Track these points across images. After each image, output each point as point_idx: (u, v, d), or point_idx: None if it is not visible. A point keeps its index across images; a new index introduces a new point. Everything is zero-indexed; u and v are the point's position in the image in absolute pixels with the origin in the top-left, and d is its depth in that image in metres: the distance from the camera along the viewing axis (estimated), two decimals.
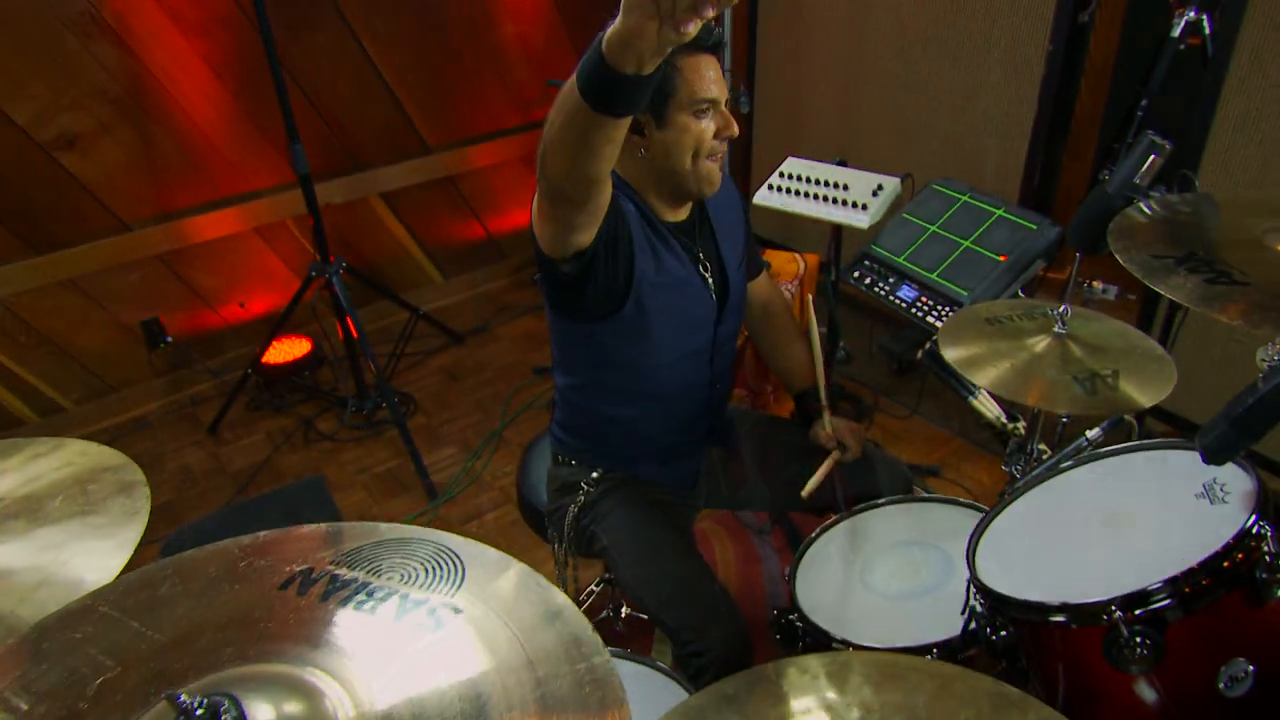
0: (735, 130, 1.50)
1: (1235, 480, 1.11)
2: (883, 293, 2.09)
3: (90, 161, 2.92)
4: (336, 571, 0.82)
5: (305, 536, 0.87)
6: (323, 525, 0.88)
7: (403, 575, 0.81)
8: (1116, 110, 2.96)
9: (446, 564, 0.82)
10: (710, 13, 0.88)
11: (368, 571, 0.82)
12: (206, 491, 2.95)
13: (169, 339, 3.29)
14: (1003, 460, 1.81)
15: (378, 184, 3.58)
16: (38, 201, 2.88)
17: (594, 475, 1.74)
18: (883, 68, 3.03)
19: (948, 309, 1.95)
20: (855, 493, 1.76)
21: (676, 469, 1.77)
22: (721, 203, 1.71)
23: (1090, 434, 1.45)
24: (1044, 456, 1.71)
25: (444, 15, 3.40)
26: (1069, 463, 1.25)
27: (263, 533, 0.89)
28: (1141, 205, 1.55)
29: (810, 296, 1.90)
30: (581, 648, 0.72)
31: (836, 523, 1.65)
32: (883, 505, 1.66)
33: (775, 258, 2.63)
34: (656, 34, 0.91)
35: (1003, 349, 1.58)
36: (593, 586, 2.23)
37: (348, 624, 0.75)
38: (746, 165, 3.81)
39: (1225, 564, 1.03)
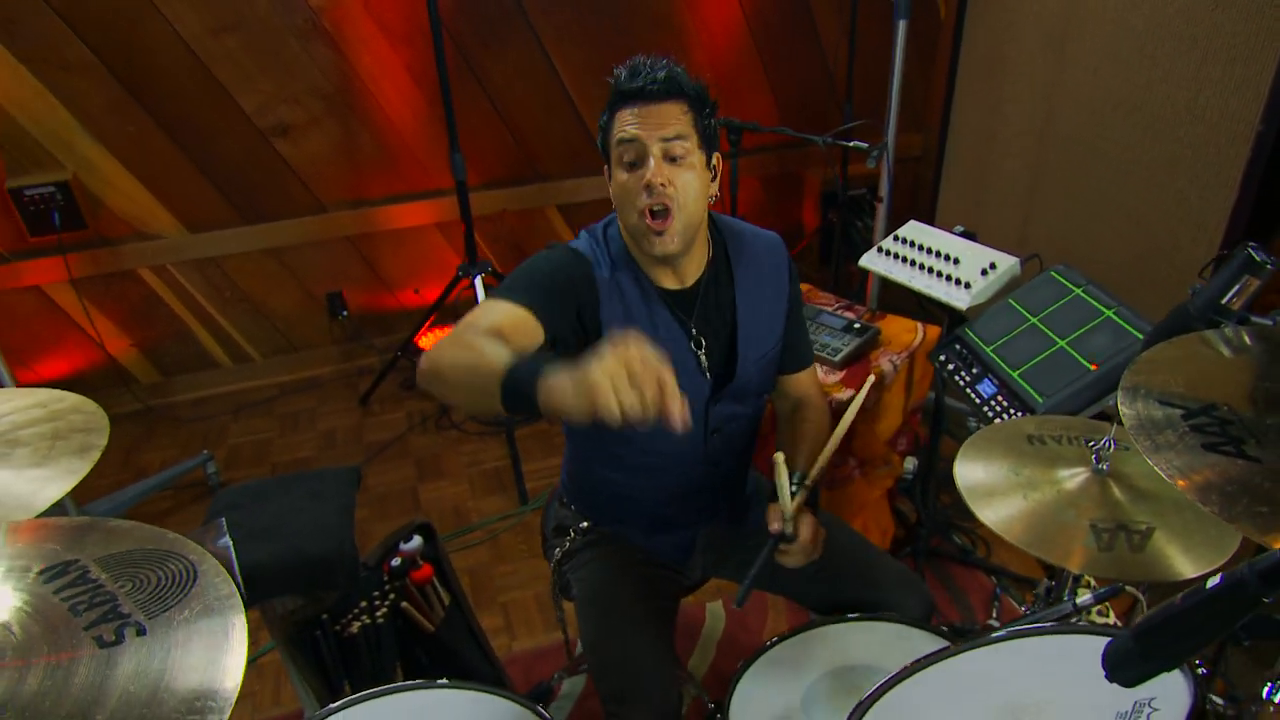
0: (656, 180, 1.32)
1: (1171, 706, 0.88)
2: (963, 383, 1.86)
3: (299, 149, 3.31)
4: (90, 568, 0.87)
5: (107, 531, 0.93)
6: (127, 523, 0.94)
7: (136, 584, 0.85)
8: None
9: (181, 580, 0.85)
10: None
11: (114, 576, 0.86)
12: (339, 456, 3.24)
13: (346, 312, 3.64)
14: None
15: (556, 196, 3.74)
16: (253, 179, 3.30)
17: (583, 525, 1.71)
18: (1075, 134, 2.70)
19: (1020, 414, 1.71)
20: (853, 601, 1.59)
21: (665, 540, 1.68)
22: (760, 276, 1.56)
23: (1080, 599, 1.21)
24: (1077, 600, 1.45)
25: (635, 38, 3.47)
26: (1003, 633, 1.04)
27: (87, 519, 0.96)
28: (1228, 332, 1.27)
29: (871, 377, 1.68)
30: (200, 701, 0.71)
31: (808, 629, 1.50)
32: (857, 621, 1.49)
33: (891, 325, 2.44)
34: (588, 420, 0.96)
35: (1026, 479, 1.37)
36: None
37: (50, 618, 0.80)
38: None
39: None
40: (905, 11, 2.59)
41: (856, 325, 2.35)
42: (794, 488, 1.47)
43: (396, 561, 1.96)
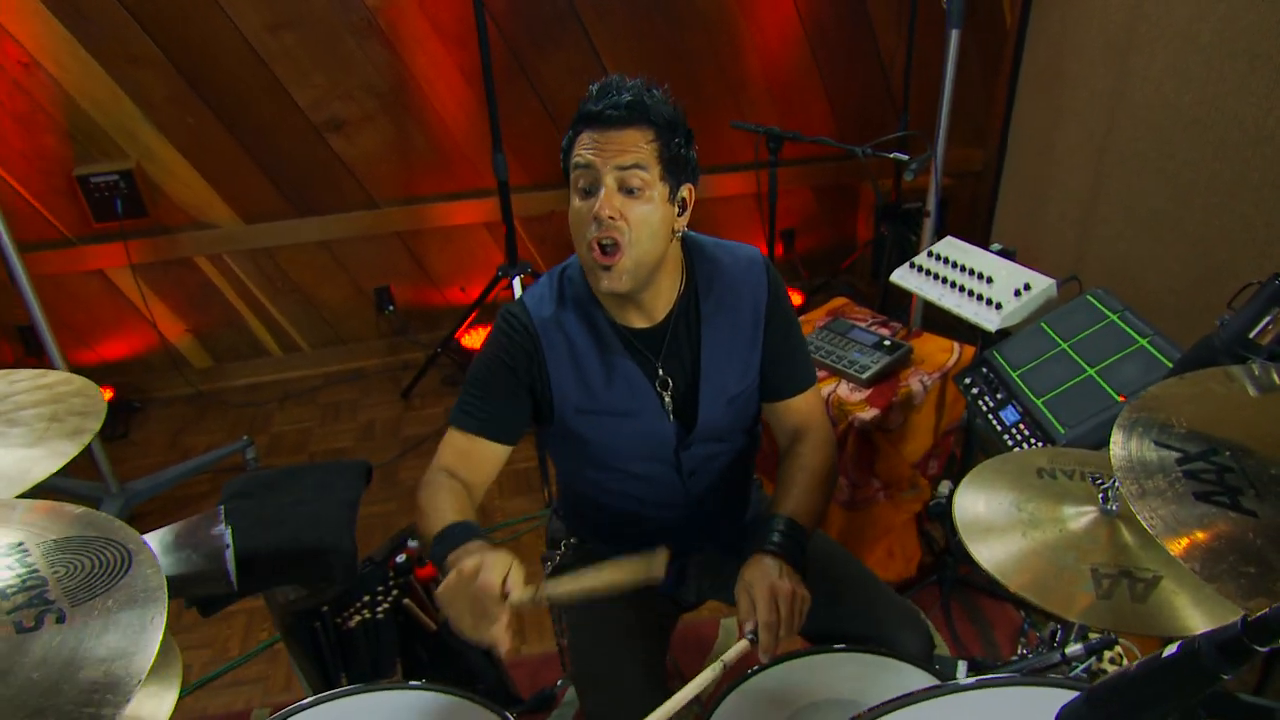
0: (604, 213, 1.25)
1: None
2: (985, 408, 1.78)
3: (353, 144, 3.37)
4: (31, 551, 0.88)
5: (59, 515, 0.95)
6: (78, 508, 0.95)
7: (70, 569, 0.85)
8: None
9: (113, 569, 0.86)
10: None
11: (52, 561, 0.87)
12: (376, 448, 3.28)
13: (393, 307, 3.70)
14: None
15: None
16: (306, 173, 3.38)
17: (572, 540, 1.68)
18: (1136, 151, 2.56)
19: (1041, 445, 1.62)
20: (850, 634, 1.51)
21: None
22: (734, 306, 1.43)
23: (1070, 649, 1.13)
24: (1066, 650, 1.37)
25: (688, 44, 3.44)
26: (971, 681, 0.97)
27: (47, 502, 0.98)
28: (1256, 369, 1.17)
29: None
30: (99, 694, 0.71)
31: (793, 657, 1.44)
32: (845, 652, 1.42)
33: (926, 344, 2.36)
34: None
35: (1029, 515, 1.29)
36: None
37: None
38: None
39: None
40: (958, 20, 2.50)
41: (887, 342, 2.27)
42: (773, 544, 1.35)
43: (401, 558, 1.96)
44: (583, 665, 1.51)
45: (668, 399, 1.43)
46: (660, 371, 1.42)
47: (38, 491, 2.88)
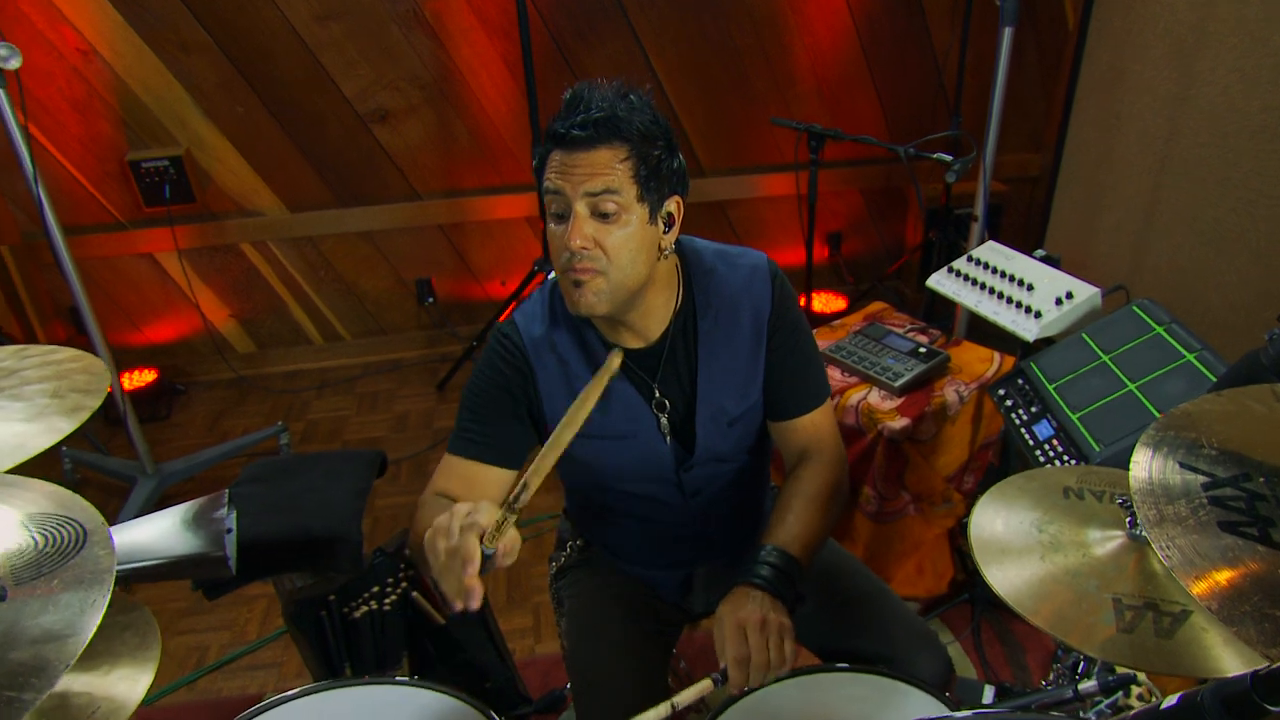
0: (574, 244, 1.15)
1: None
2: (1018, 422, 1.69)
3: (397, 135, 3.38)
4: (36, 524, 0.87)
5: (27, 490, 0.94)
6: (49, 485, 0.94)
7: (24, 546, 0.84)
8: None
9: (66, 547, 0.84)
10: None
11: (9, 535, 0.86)
12: (408, 439, 3.29)
13: (433, 299, 3.71)
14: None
15: None
16: (351, 163, 3.40)
17: (579, 542, 1.64)
18: (1199, 158, 2.42)
19: (1074, 462, 1.53)
20: (863, 653, 1.44)
21: (659, 575, 1.58)
22: (732, 321, 1.34)
23: (1084, 686, 1.05)
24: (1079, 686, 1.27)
25: (736, 41, 3.38)
26: (967, 714, 0.90)
27: (43, 483, 0.97)
28: None
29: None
30: (23, 678, 0.69)
31: (804, 673, 1.37)
32: (850, 671, 1.35)
33: (965, 353, 2.27)
34: None
35: (1050, 538, 1.21)
36: None
37: None
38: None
39: None
40: (1012, 18, 2.39)
41: (923, 350, 2.18)
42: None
43: None
44: (578, 674, 1.47)
45: (664, 421, 1.36)
46: (657, 393, 1.35)
47: (78, 468, 2.90)
